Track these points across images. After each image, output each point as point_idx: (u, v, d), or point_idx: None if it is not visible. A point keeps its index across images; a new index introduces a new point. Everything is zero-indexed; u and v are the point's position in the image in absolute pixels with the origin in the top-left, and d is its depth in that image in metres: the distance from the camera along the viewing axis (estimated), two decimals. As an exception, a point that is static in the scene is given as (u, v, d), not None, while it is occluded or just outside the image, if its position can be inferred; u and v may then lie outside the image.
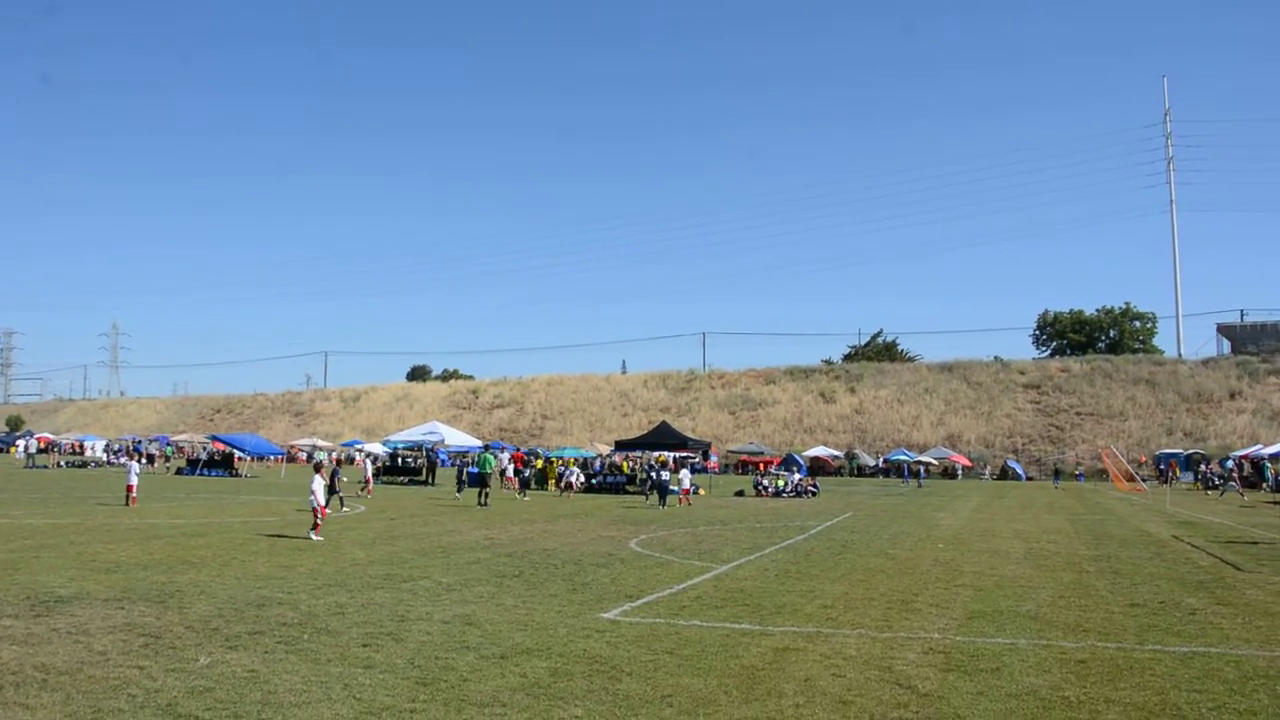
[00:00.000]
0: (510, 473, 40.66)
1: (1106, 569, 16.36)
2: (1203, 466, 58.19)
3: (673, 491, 32.64)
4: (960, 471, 71.81)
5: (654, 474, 34.15)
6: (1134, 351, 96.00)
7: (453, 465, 53.70)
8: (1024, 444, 77.41)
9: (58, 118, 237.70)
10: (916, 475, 61.70)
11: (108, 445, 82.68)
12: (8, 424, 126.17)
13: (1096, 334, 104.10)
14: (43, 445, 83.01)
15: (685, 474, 35.86)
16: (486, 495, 31.08)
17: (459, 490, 37.37)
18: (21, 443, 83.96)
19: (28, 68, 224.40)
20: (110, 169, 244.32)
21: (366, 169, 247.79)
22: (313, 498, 19.37)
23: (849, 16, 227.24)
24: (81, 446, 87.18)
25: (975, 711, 7.21)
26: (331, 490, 23.70)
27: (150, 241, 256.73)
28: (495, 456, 34.77)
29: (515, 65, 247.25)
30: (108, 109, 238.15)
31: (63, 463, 67.44)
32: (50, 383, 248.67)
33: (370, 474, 38.32)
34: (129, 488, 28.50)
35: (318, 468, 21.32)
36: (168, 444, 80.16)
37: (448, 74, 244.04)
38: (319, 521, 19.36)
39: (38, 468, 60.92)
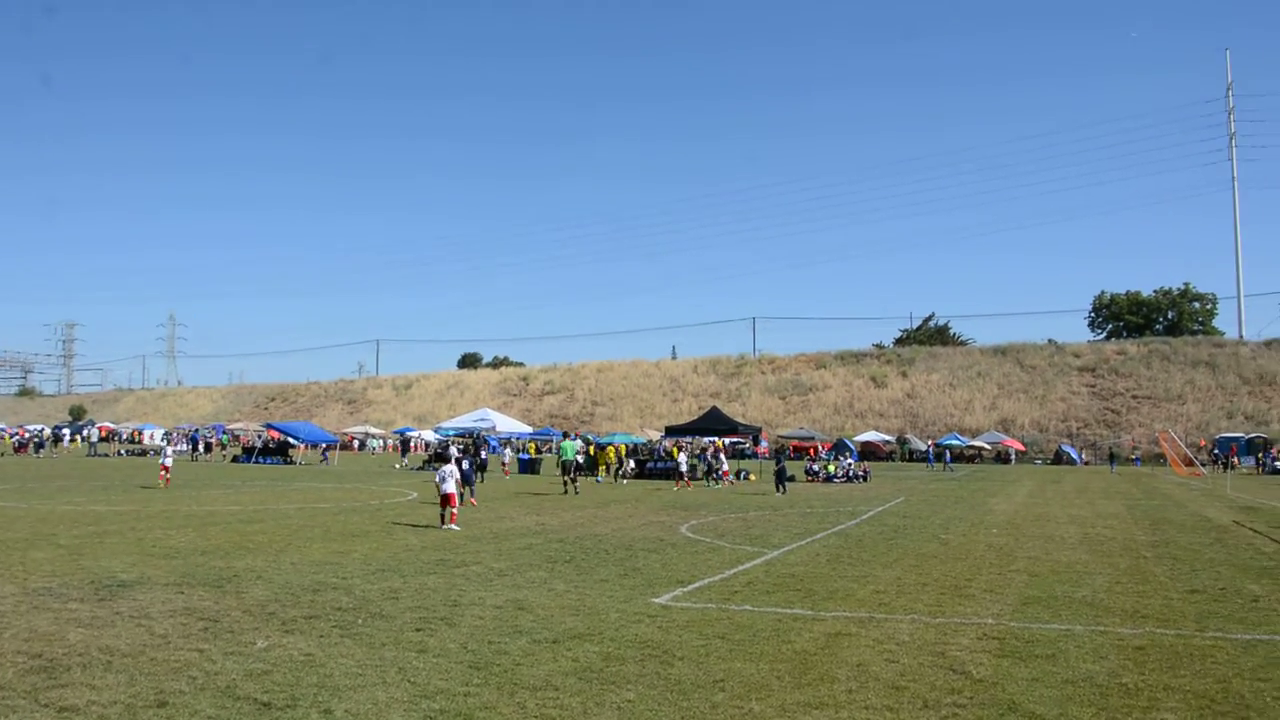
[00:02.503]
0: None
1: (1165, 555, 16.09)
2: (1264, 451, 56.98)
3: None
4: (1013, 456, 70.96)
5: (705, 458, 34.41)
6: (1193, 333, 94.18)
7: (509, 452, 54.09)
8: (1079, 428, 76.32)
9: (115, 115, 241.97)
10: (942, 459, 60.88)
11: (166, 434, 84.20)
12: (71, 414, 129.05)
13: (1154, 316, 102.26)
14: (104, 434, 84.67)
15: (683, 458, 37.15)
16: (574, 482, 30.91)
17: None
18: (84, 432, 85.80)
19: (89, 69, 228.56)
20: (166, 166, 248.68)
21: (422, 165, 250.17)
22: (443, 485, 19.03)
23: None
24: (140, 435, 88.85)
25: (1030, 698, 7.13)
26: (466, 475, 23.57)
27: (206, 234, 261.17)
28: (573, 441, 34.35)
29: (566, 71, 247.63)
30: (168, 108, 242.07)
31: (123, 451, 68.85)
32: (110, 373, 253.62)
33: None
34: (163, 468, 31.18)
35: (444, 456, 20.75)
36: (224, 432, 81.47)
37: (496, 78, 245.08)
38: (454, 510, 19.05)
39: (99, 456, 62.28)
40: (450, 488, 19.01)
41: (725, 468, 38.94)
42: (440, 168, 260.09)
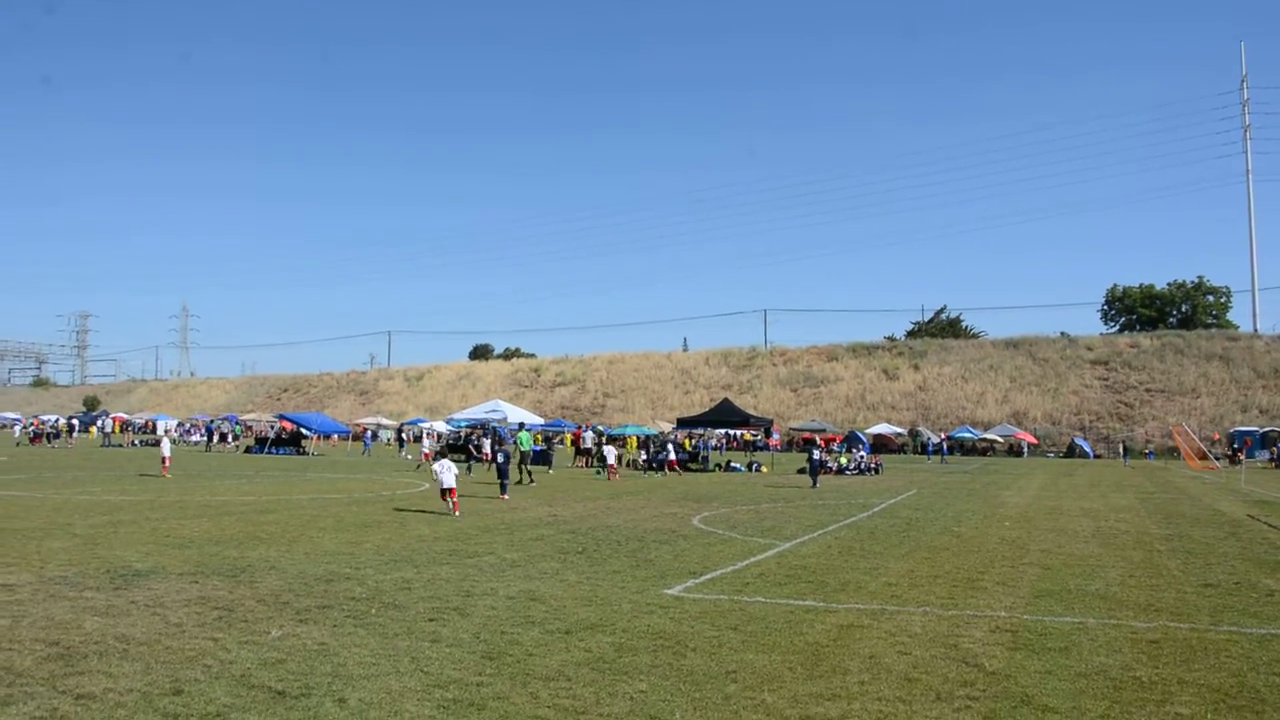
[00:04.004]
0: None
1: (1178, 548, 16.03)
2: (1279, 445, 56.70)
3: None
4: (1026, 449, 70.75)
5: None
6: (1207, 327, 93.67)
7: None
8: (1091, 421, 76.01)
9: (123, 105, 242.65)
10: (940, 452, 60.81)
11: (166, 428, 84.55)
12: (85, 404, 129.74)
13: (1168, 309, 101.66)
14: (118, 425, 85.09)
15: (610, 450, 37.49)
16: (530, 473, 31.30)
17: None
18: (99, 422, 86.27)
19: (99, 58, 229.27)
20: (175, 155, 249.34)
21: (433, 157, 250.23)
22: (441, 479, 19.85)
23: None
24: (154, 425, 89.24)
25: (1044, 690, 7.13)
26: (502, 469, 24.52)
27: (217, 225, 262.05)
28: (530, 434, 35.15)
29: (578, 62, 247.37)
30: (178, 97, 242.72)
31: (136, 441, 69.18)
32: (124, 364, 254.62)
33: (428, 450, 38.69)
34: (164, 460, 31.62)
35: (456, 448, 21.51)
36: (236, 423, 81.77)
37: (510, 69, 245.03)
38: (455, 501, 19.82)
39: (113, 446, 62.59)
40: (449, 481, 19.75)
41: (673, 458, 39.95)
42: (452, 159, 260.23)
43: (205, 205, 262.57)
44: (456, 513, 19.45)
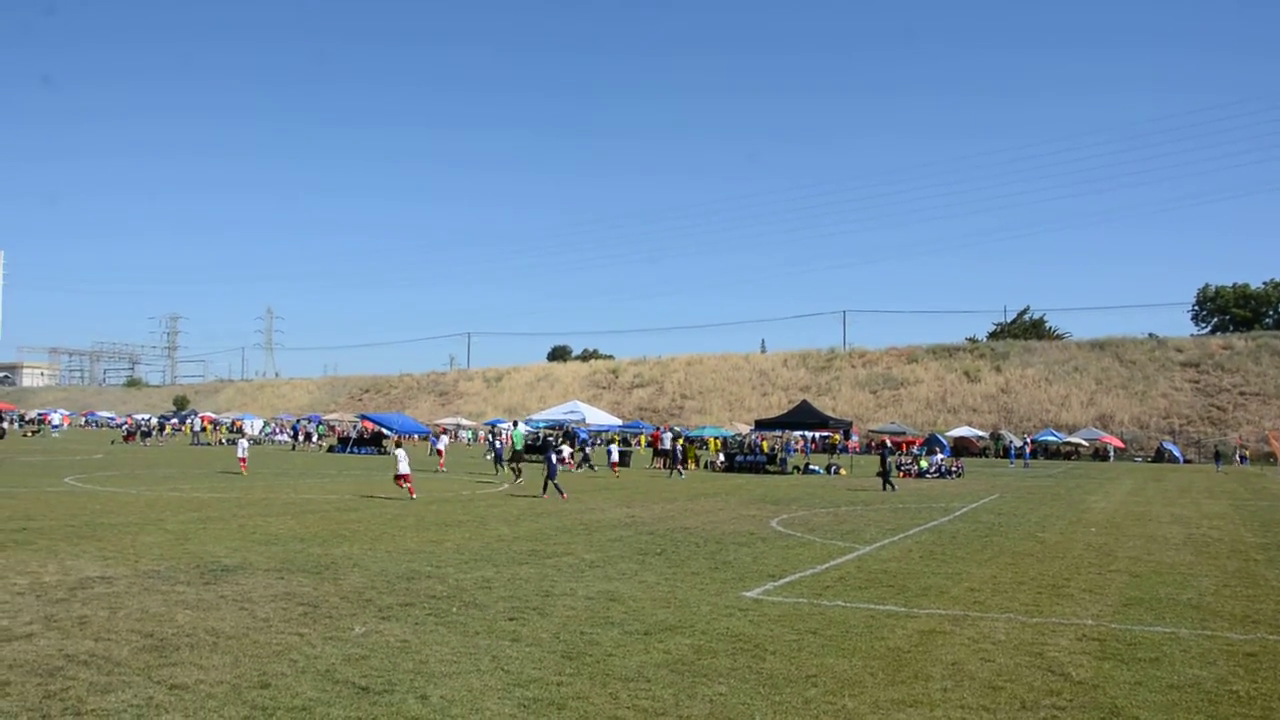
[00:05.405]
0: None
1: (1277, 558, 15.49)
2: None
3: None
4: (1112, 453, 69.05)
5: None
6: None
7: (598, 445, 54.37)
8: (1181, 425, 73.86)
9: (198, 112, 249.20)
10: (1022, 455, 59.75)
11: (239, 430, 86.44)
12: (175, 404, 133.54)
13: (1263, 309, 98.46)
14: (206, 424, 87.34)
15: (565, 448, 38.37)
16: (520, 469, 31.49)
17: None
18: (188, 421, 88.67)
19: (172, 51, 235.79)
20: (261, 157, 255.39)
21: (517, 158, 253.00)
22: (399, 466, 23.46)
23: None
24: (241, 425, 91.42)
25: (1134, 702, 6.94)
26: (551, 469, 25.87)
27: (302, 228, 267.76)
28: (523, 433, 37.49)
29: (661, 67, 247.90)
30: (264, 96, 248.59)
31: (224, 440, 70.94)
32: (211, 364, 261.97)
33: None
34: (241, 460, 33.32)
35: (398, 444, 26.53)
36: (320, 423, 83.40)
37: (593, 71, 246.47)
38: (410, 486, 23.27)
39: (202, 444, 64.30)
40: (404, 469, 23.38)
41: (614, 458, 39.57)
42: (534, 161, 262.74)
43: (289, 208, 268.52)
44: (413, 495, 22.89)
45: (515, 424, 40.59)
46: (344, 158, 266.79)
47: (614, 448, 41.00)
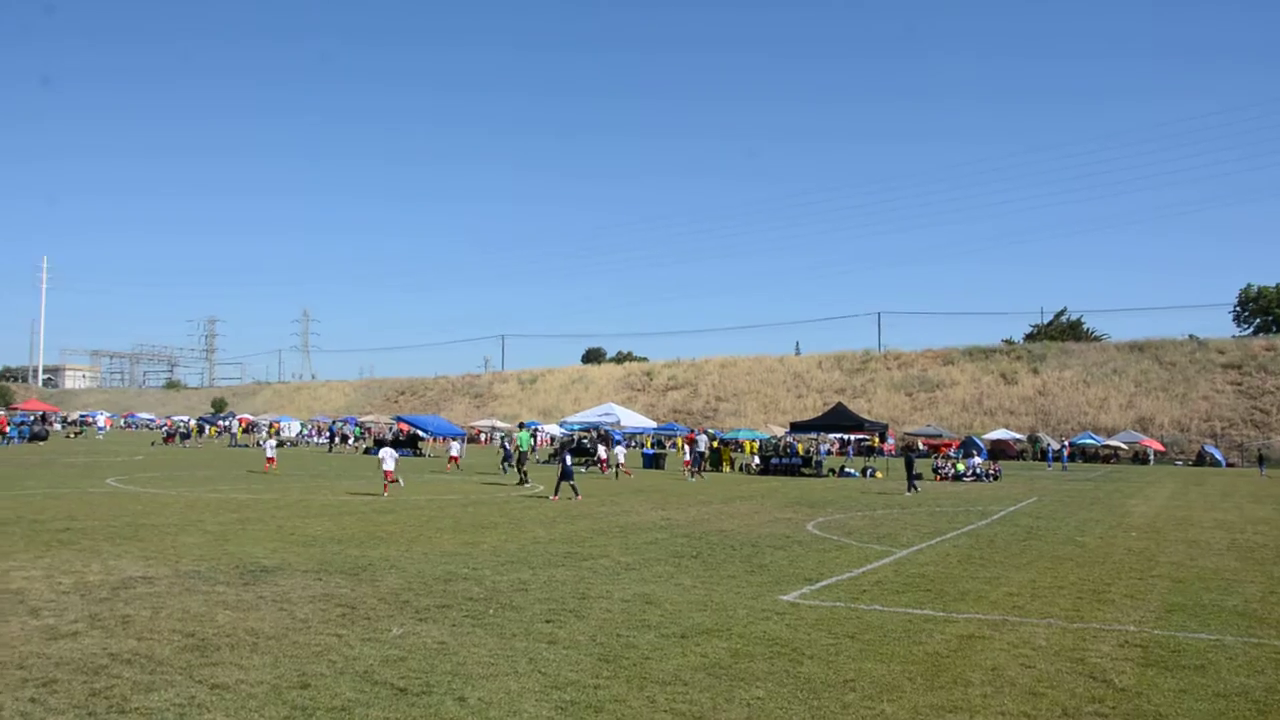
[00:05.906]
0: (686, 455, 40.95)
1: (1322, 563, 15.23)
2: None
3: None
4: (1152, 457, 68.17)
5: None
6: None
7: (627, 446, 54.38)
8: (1223, 428, 72.77)
9: (236, 123, 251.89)
10: (1060, 458, 59.21)
11: (302, 426, 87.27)
12: (213, 406, 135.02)
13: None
14: (244, 425, 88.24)
15: (620, 450, 38.63)
16: (525, 473, 31.60)
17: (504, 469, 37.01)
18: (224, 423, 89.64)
19: (196, 49, 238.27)
20: (296, 159, 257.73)
21: (548, 160, 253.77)
22: (383, 464, 24.93)
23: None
24: (279, 427, 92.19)
25: (1179, 710, 6.84)
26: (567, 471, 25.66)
27: (337, 231, 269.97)
28: (532, 435, 37.70)
29: (692, 67, 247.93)
30: (301, 98, 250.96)
31: (260, 442, 71.59)
32: (249, 366, 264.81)
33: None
34: (269, 459, 35.08)
35: (380, 443, 26.91)
36: (356, 425, 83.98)
37: (624, 73, 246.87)
38: (388, 484, 24.62)
39: (240, 446, 64.95)
40: (389, 466, 24.69)
41: (621, 459, 38.42)
42: (567, 164, 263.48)
43: (323, 212, 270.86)
44: (384, 494, 24.01)
45: (521, 426, 40.72)
46: (380, 161, 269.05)
47: (621, 450, 40.77)
